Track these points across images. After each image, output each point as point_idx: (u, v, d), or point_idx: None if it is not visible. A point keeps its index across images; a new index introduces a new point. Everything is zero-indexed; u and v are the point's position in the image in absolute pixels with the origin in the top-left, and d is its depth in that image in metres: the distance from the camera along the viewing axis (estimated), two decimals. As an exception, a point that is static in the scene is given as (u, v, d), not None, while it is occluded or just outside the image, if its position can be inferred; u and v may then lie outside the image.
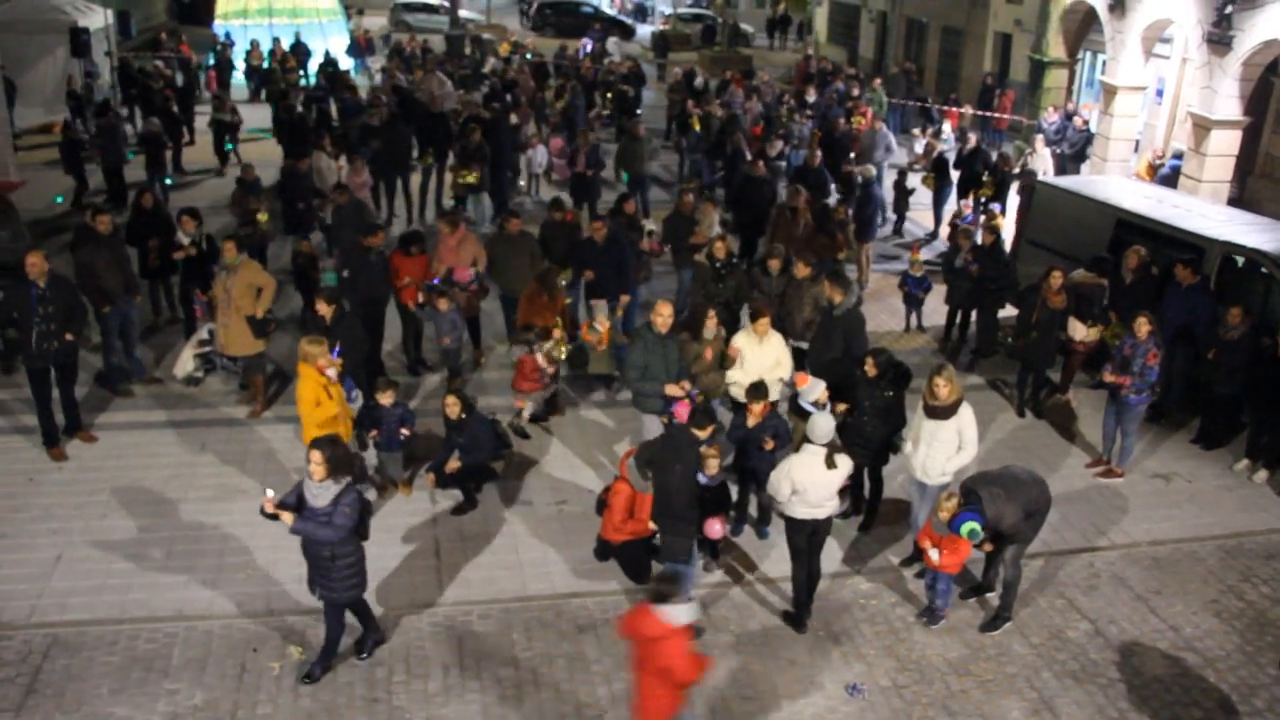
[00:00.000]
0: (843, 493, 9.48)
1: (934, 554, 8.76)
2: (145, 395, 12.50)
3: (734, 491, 10.03)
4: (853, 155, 20.68)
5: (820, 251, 13.91)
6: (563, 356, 11.93)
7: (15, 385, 12.56)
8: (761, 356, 10.63)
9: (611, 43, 37.26)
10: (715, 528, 9.20)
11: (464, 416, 10.20)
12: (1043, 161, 20.01)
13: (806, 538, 8.77)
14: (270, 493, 7.68)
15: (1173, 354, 12.03)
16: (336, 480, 7.65)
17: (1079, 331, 12.43)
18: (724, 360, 10.77)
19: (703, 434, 8.79)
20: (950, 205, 19.34)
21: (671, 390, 10.14)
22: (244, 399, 12.37)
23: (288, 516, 7.59)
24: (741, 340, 10.77)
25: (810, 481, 8.50)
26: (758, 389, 9.89)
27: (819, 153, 18.56)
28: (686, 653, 6.65)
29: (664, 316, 10.24)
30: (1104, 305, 12.66)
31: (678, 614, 6.65)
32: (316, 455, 7.57)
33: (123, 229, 13.52)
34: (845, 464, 8.71)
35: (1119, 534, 10.50)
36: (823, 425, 8.58)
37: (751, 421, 9.76)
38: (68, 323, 10.90)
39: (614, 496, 9.21)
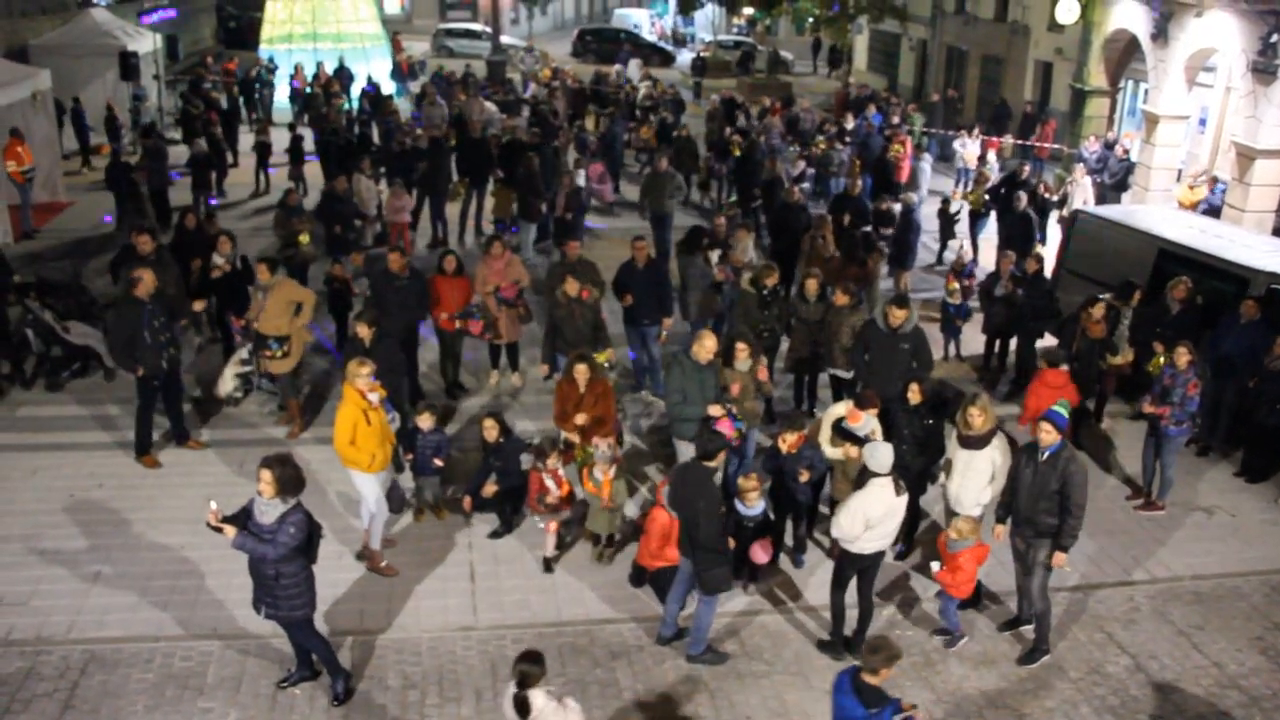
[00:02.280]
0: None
1: (935, 565, 8.82)
2: (185, 415, 12.59)
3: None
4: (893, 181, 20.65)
5: (853, 280, 13.86)
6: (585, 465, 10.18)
7: (56, 402, 12.76)
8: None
9: (633, 65, 37.25)
10: (760, 553, 9.16)
11: (501, 440, 10.22)
12: (1083, 191, 19.87)
13: (858, 571, 8.71)
14: (214, 505, 7.66)
15: (1224, 388, 11.88)
16: (284, 499, 7.65)
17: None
18: (760, 387, 10.77)
19: (713, 464, 8.55)
20: (985, 234, 19.24)
21: (713, 409, 10.08)
22: (283, 419, 12.49)
23: (230, 531, 7.57)
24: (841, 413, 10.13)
25: (885, 512, 8.37)
26: (792, 420, 9.86)
27: (859, 180, 18.50)
28: None
29: (706, 350, 10.23)
30: (1115, 329, 12.52)
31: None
32: (266, 474, 7.58)
33: (167, 250, 13.69)
34: (903, 486, 8.61)
35: (1160, 568, 10.33)
36: (884, 454, 8.39)
37: (785, 451, 9.72)
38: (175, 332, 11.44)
39: (651, 523, 9.19)
